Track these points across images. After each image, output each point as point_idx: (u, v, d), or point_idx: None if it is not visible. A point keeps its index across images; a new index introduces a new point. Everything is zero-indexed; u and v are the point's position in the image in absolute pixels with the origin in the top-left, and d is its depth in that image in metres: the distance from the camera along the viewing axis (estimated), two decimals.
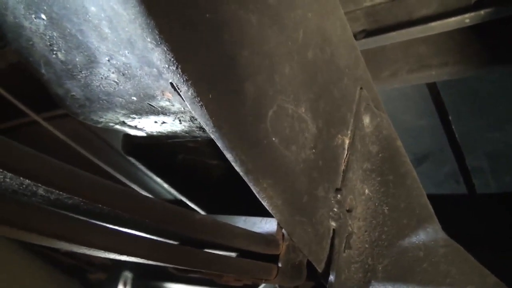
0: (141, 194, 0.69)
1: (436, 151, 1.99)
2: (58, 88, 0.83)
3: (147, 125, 0.88)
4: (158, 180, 1.10)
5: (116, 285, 2.69)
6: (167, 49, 0.66)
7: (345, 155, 1.09)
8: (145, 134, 0.94)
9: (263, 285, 1.27)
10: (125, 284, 2.71)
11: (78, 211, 0.65)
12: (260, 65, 0.82)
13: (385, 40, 1.52)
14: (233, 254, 0.89)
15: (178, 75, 0.68)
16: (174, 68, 0.68)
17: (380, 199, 1.11)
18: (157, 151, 1.05)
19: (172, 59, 0.67)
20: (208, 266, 0.81)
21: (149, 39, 0.66)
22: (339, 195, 1.04)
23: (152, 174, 1.08)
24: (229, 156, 0.78)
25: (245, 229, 0.88)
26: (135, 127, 0.90)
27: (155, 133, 0.92)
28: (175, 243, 0.82)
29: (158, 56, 0.67)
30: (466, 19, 1.40)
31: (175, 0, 0.66)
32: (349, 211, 1.07)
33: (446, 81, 1.68)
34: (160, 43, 0.66)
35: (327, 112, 1.04)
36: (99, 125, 0.91)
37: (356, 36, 1.59)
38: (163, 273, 2.53)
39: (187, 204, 1.21)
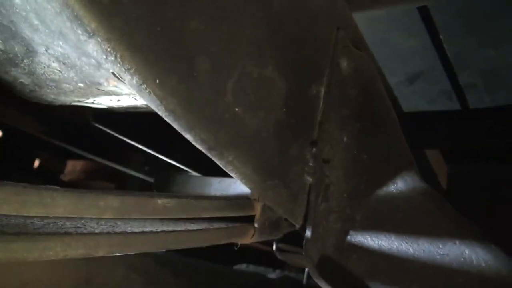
0: (98, 191, 0.67)
1: (427, 70, 1.92)
2: (5, 75, 0.78)
3: (103, 102, 0.84)
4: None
5: None
6: (101, 40, 0.61)
7: (320, 105, 1.05)
8: (106, 107, 0.91)
9: None
10: None
11: None
12: (214, 33, 0.75)
13: None
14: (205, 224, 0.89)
15: (119, 65, 0.63)
16: (113, 58, 0.63)
17: (358, 146, 1.09)
18: (127, 116, 1.02)
19: (108, 49, 0.62)
20: (182, 244, 0.82)
21: (79, 32, 0.60)
22: (314, 149, 1.02)
23: (126, 138, 1.06)
24: (188, 136, 0.75)
25: (214, 199, 0.87)
26: (93, 103, 0.86)
27: (115, 107, 0.89)
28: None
29: (93, 47, 0.62)
30: None
31: None
32: (326, 161, 1.06)
33: (436, 1, 1.57)
34: (93, 34, 0.60)
35: (298, 63, 0.98)
36: (57, 104, 0.88)
37: None
38: None
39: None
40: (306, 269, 2.40)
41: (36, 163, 2.61)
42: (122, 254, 0.70)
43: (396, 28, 1.76)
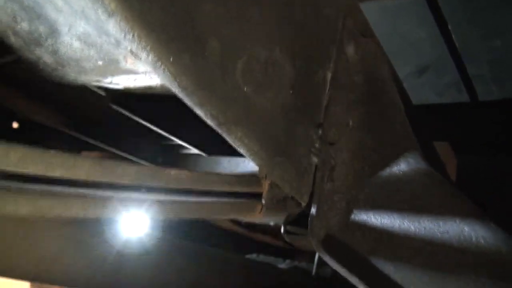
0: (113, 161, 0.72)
1: (436, 62, 1.94)
2: (30, 55, 0.84)
3: (121, 81, 0.90)
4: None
5: None
6: (120, 19, 0.66)
7: (327, 89, 1.09)
8: (122, 88, 0.96)
9: None
10: None
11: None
12: (225, 17, 0.80)
13: None
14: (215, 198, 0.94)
15: (136, 43, 0.69)
16: (131, 37, 0.68)
17: (363, 130, 1.13)
18: (142, 99, 1.08)
19: (127, 28, 0.67)
20: (191, 214, 0.87)
21: (100, 11, 0.66)
22: (320, 131, 1.06)
23: (141, 120, 1.12)
24: (199, 112, 0.80)
25: (223, 175, 0.92)
26: (111, 83, 0.92)
27: (132, 87, 0.94)
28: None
29: (112, 26, 0.67)
30: None
31: None
32: (332, 144, 1.10)
33: None
34: (113, 13, 0.66)
35: (306, 49, 1.03)
36: (78, 84, 0.93)
37: None
38: None
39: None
40: (316, 260, 2.44)
41: None
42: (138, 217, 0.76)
43: (405, 19, 1.78)
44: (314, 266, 2.52)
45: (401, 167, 1.07)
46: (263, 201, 1.01)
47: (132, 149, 2.00)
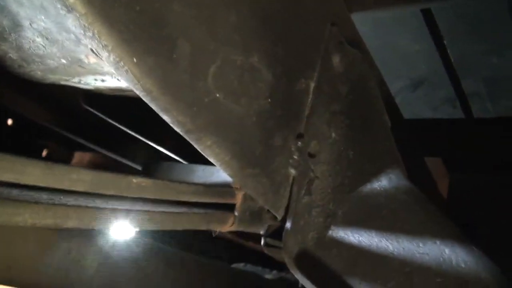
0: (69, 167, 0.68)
1: (431, 76, 1.91)
2: None
3: (89, 82, 0.86)
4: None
5: None
6: (80, 15, 0.63)
7: (309, 99, 1.05)
8: (93, 88, 0.93)
9: None
10: None
11: None
12: (197, 18, 0.77)
13: None
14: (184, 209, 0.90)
15: (96, 41, 0.65)
16: (91, 34, 0.64)
17: (346, 143, 1.09)
18: (116, 101, 1.04)
19: (86, 24, 0.63)
20: (156, 224, 0.83)
21: (59, 6, 0.62)
22: (299, 142, 1.02)
23: (113, 122, 1.08)
24: (165, 118, 0.76)
25: (193, 184, 0.88)
26: (79, 82, 0.88)
27: (102, 88, 0.91)
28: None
29: (72, 22, 0.64)
30: None
31: None
32: (312, 156, 1.06)
33: (440, 4, 1.56)
34: (72, 9, 0.62)
35: (287, 56, 0.99)
36: (47, 82, 0.90)
37: None
38: None
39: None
40: None
41: (44, 152, 2.64)
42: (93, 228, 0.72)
43: (401, 32, 1.75)
44: None
45: (382, 183, 1.03)
46: (236, 213, 0.97)
47: (126, 154, 1.95)
